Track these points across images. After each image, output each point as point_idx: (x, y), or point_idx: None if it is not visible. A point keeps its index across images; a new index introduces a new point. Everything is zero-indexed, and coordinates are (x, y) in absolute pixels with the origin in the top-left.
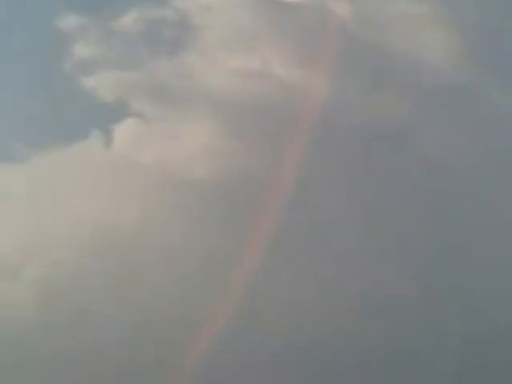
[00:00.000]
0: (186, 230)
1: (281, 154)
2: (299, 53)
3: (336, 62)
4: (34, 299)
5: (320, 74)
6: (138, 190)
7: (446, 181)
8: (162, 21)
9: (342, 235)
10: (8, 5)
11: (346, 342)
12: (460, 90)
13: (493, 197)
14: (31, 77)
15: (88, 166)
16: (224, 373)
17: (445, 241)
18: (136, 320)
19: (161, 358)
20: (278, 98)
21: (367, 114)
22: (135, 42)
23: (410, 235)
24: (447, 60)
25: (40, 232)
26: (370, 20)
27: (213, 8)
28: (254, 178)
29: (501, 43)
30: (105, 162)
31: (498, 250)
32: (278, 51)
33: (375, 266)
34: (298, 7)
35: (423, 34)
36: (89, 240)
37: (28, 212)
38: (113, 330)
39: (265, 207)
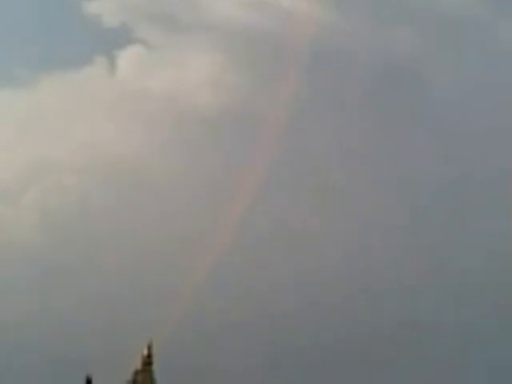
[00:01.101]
0: (189, 156)
1: (283, 85)
2: None
3: None
4: (35, 224)
5: (330, 7)
6: (142, 117)
7: (456, 117)
8: None
9: (337, 167)
10: None
11: None
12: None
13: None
14: (35, 3)
15: (92, 92)
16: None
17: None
18: (138, 241)
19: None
20: (285, 30)
21: (379, 48)
22: None
23: (423, 174)
24: None
25: (42, 157)
26: None
27: None
28: (255, 107)
29: None
30: (109, 88)
31: None
32: None
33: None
34: None
35: None
36: (90, 166)
37: (30, 136)
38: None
39: (263, 135)
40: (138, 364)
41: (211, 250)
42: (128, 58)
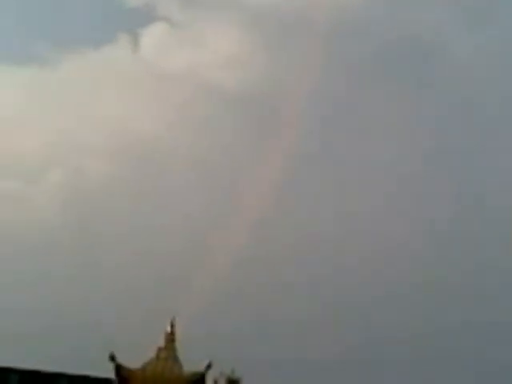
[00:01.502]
0: (213, 135)
1: (306, 64)
2: None
3: None
4: (57, 203)
5: None
6: (165, 95)
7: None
8: None
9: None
10: None
11: None
12: None
13: None
14: None
15: (115, 70)
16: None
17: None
18: (160, 220)
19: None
20: (308, 10)
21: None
22: None
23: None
24: None
25: (65, 136)
26: None
27: None
28: (279, 87)
29: None
30: (132, 67)
31: None
32: None
33: None
34: None
35: None
36: (114, 145)
37: (54, 116)
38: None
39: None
40: (161, 341)
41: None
42: (151, 35)
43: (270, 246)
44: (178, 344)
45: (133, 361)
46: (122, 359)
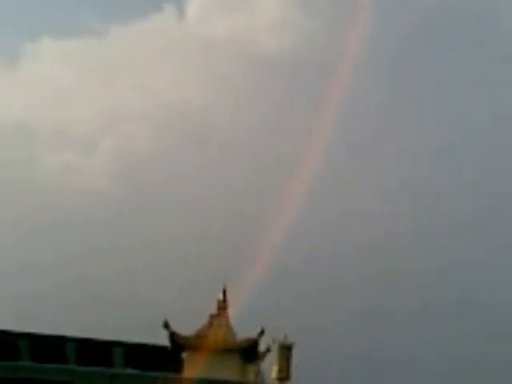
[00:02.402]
0: (259, 105)
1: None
2: None
3: None
4: (109, 172)
5: None
6: (211, 64)
7: None
8: None
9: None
10: None
11: None
12: None
13: None
14: None
15: (162, 40)
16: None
17: None
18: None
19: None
20: None
21: None
22: None
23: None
24: None
25: (115, 106)
26: None
27: None
28: (324, 53)
29: None
30: (178, 36)
31: None
32: None
33: None
34: None
35: None
36: (161, 114)
37: (103, 86)
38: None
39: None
40: (213, 309)
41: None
42: (197, 3)
43: (320, 216)
44: (230, 311)
45: (186, 328)
46: (175, 327)
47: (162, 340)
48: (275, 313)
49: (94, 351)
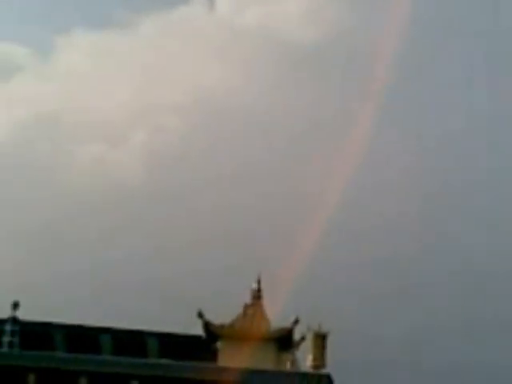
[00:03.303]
0: (289, 94)
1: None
2: None
3: None
4: (140, 163)
5: None
6: (242, 54)
7: None
8: None
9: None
10: None
11: None
12: None
13: None
14: None
15: (192, 31)
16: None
17: None
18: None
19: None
20: None
21: None
22: None
23: None
24: None
25: (146, 97)
26: None
27: None
28: (358, 41)
29: None
30: (208, 26)
31: None
32: None
33: None
34: None
35: None
36: (193, 106)
37: (134, 77)
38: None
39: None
40: (247, 298)
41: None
42: None
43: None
44: (265, 300)
45: (220, 318)
46: (209, 316)
47: (197, 330)
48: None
49: (128, 342)
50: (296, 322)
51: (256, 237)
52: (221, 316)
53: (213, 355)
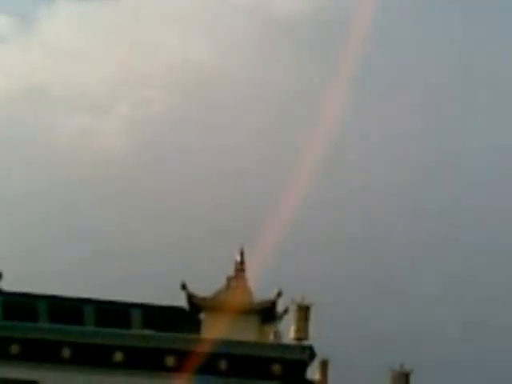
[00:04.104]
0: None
1: None
2: None
3: None
4: (124, 135)
5: None
6: (227, 28)
7: None
8: None
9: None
10: None
11: None
12: None
13: None
14: None
15: (177, 3)
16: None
17: None
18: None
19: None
20: None
21: None
22: None
23: None
24: None
25: (131, 69)
26: None
27: None
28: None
29: None
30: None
31: None
32: None
33: None
34: None
35: None
36: (179, 78)
37: (117, 49)
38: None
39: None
40: (230, 271)
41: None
42: None
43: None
44: (248, 273)
45: (203, 290)
46: (192, 289)
47: (180, 302)
48: (293, 275)
49: (111, 313)
50: (279, 294)
51: (238, 205)
52: (204, 288)
53: (196, 327)
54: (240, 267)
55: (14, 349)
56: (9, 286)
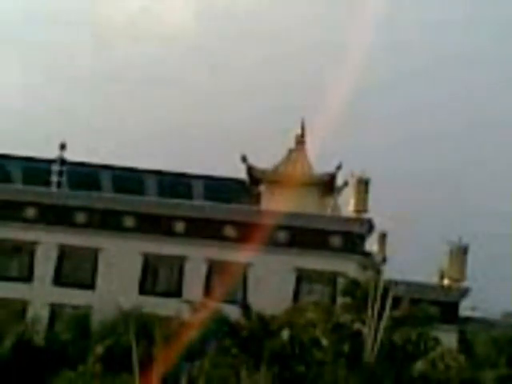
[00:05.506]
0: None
1: None
2: None
3: None
4: None
5: None
6: None
7: None
8: None
9: None
10: None
11: None
12: None
13: None
14: None
15: None
16: None
17: None
18: None
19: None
20: None
21: None
22: None
23: None
24: None
25: None
26: None
27: None
28: None
29: None
30: None
31: None
32: None
33: None
34: None
35: None
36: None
37: None
38: None
39: None
40: (291, 144)
41: None
42: None
43: None
44: (308, 146)
45: (264, 163)
46: (253, 161)
47: (240, 174)
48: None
49: (173, 184)
50: (339, 167)
51: (300, 80)
52: (265, 161)
53: (256, 199)
54: (300, 139)
55: (79, 217)
56: (73, 156)
